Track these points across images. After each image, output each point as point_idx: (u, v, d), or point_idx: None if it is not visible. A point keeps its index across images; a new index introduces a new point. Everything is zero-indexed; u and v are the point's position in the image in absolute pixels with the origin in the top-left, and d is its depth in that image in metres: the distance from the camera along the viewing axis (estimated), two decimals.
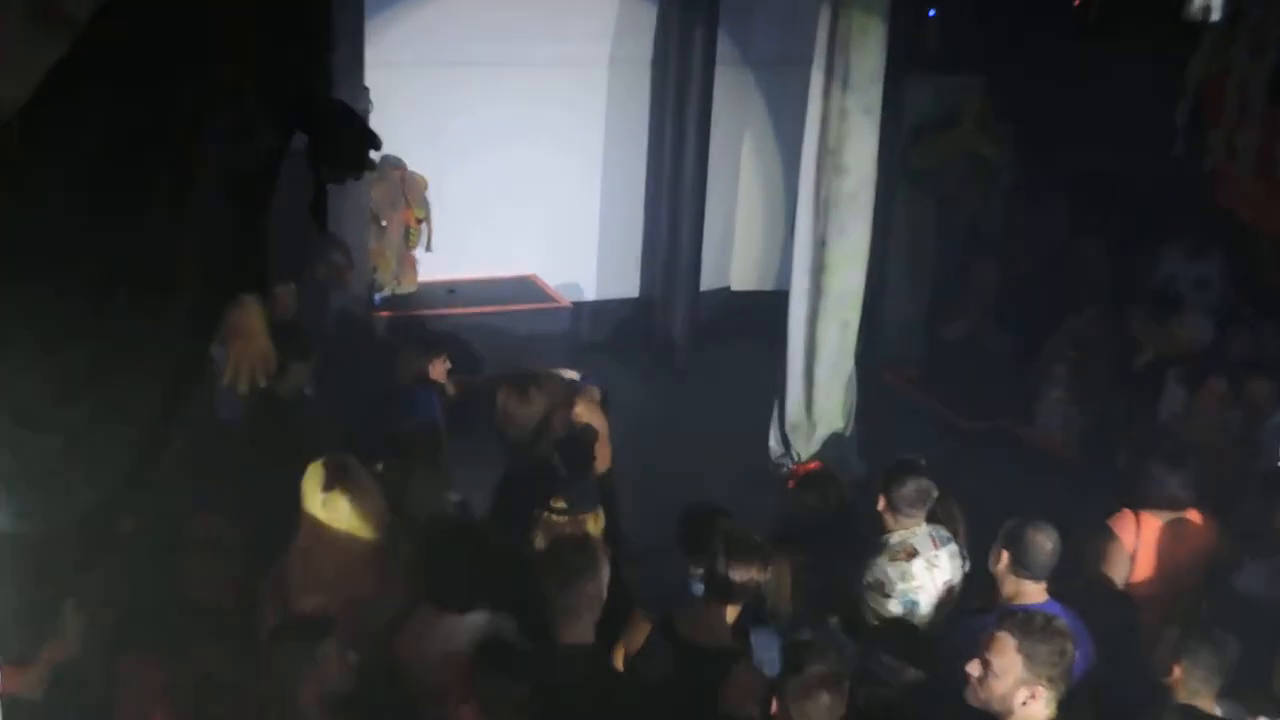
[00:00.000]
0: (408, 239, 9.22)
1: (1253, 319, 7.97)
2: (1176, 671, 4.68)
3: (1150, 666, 4.90)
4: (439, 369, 6.86)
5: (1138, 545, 5.92)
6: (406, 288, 9.30)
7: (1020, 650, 4.26)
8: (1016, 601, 4.96)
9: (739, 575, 4.77)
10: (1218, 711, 4.66)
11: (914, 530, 5.49)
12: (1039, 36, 9.08)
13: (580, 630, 4.55)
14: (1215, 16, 5.75)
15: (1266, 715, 4.68)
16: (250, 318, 4.24)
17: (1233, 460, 6.78)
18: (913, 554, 5.43)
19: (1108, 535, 5.90)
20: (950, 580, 5.48)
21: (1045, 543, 5.10)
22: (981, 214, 9.96)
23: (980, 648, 4.34)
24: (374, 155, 3.33)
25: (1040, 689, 4.26)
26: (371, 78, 8.21)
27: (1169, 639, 4.81)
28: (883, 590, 5.37)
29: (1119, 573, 5.86)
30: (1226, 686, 4.74)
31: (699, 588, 5.05)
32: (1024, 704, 4.27)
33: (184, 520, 4.97)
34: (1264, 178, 7.43)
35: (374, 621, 4.71)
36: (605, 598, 4.60)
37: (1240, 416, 7.00)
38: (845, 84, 7.65)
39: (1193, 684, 4.66)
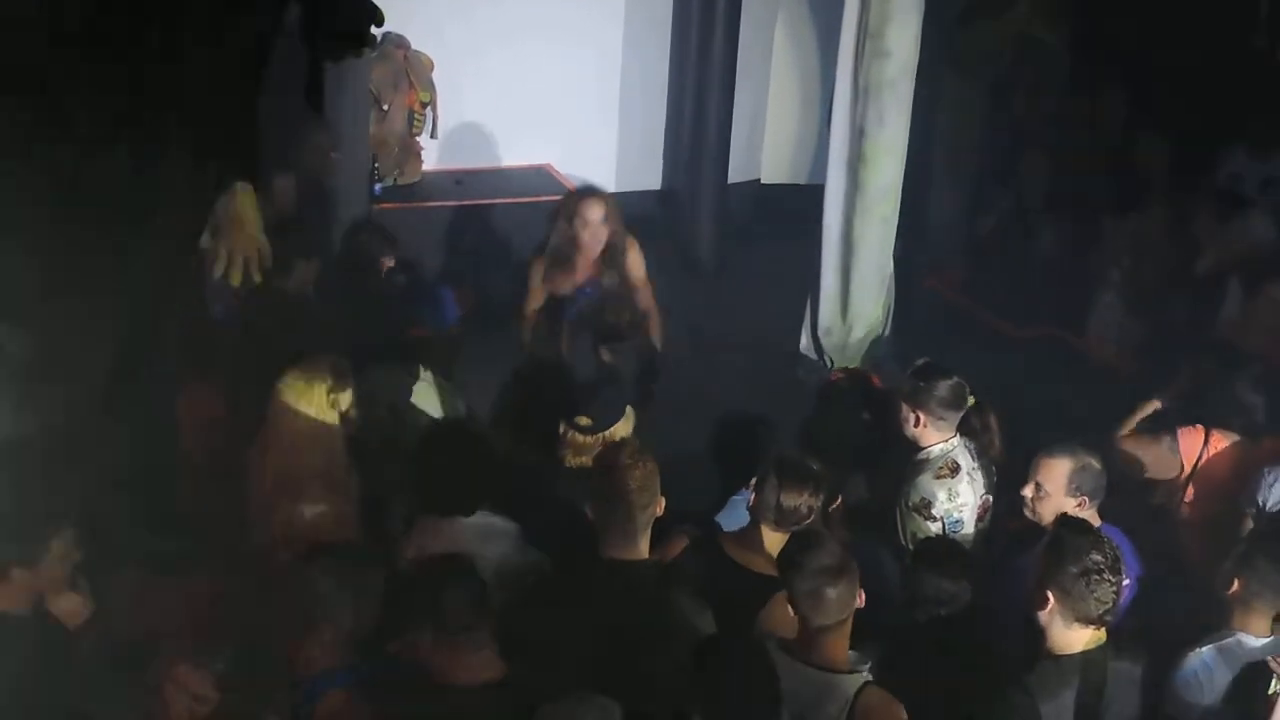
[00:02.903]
0: (411, 124, 9.16)
1: None
2: (1236, 585, 4.71)
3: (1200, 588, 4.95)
4: (384, 263, 6.78)
5: (1200, 463, 5.93)
6: (410, 177, 9.26)
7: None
8: None
9: (791, 501, 4.79)
10: (1271, 635, 4.69)
11: (952, 441, 5.48)
12: None
13: (642, 545, 4.55)
14: None
15: None
16: (241, 206, 4.22)
17: None
18: (955, 469, 5.43)
19: (1170, 446, 5.92)
20: (987, 496, 5.49)
21: (1097, 470, 5.12)
22: (1034, 104, 9.83)
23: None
24: (375, 31, 3.29)
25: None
26: None
27: (1234, 553, 4.83)
28: (928, 511, 5.37)
29: (1171, 486, 5.89)
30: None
31: (739, 504, 5.07)
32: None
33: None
34: None
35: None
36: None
37: None
38: None
39: (1251, 599, 4.68)
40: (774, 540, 4.78)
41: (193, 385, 5.34)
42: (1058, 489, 5.16)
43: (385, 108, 8.98)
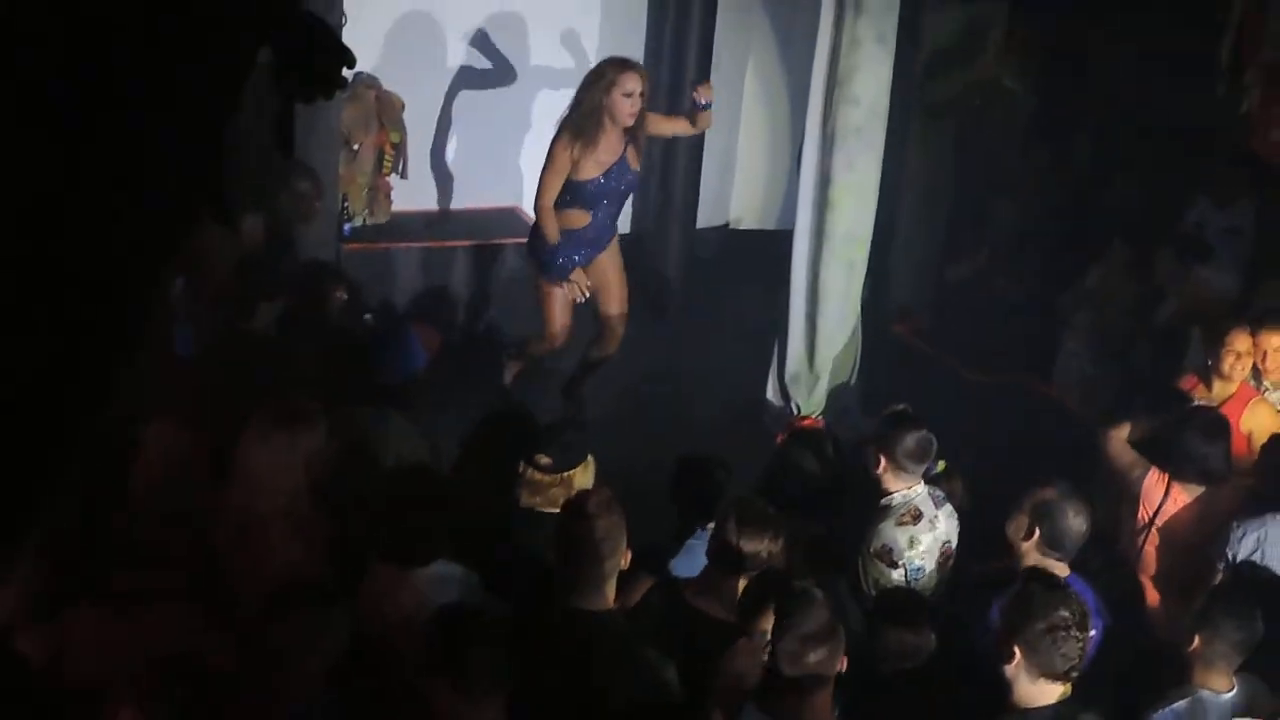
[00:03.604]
0: (381, 165, 9.16)
1: None
2: (1196, 642, 4.73)
3: (1160, 638, 4.98)
4: (340, 299, 6.77)
5: (1160, 512, 5.97)
6: (379, 217, 9.25)
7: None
8: None
9: (750, 546, 4.78)
10: (1236, 686, 4.71)
11: (915, 489, 5.51)
12: None
13: (606, 595, 4.53)
14: None
15: None
16: (209, 248, 4.21)
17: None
18: (918, 516, 5.46)
19: (1136, 489, 5.97)
20: (949, 541, 5.51)
21: (1081, 524, 5.15)
22: (1001, 151, 9.90)
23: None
24: (346, 73, 3.29)
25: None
26: None
27: (1194, 608, 4.86)
28: (889, 558, 5.39)
29: (1131, 535, 5.93)
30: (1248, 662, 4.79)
31: (696, 549, 5.07)
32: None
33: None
34: None
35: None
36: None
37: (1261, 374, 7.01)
38: (858, 8, 7.60)
39: (1212, 656, 4.71)
40: (731, 586, 4.77)
41: (157, 422, 5.32)
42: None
43: (355, 148, 8.98)
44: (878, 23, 7.62)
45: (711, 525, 4.97)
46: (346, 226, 8.97)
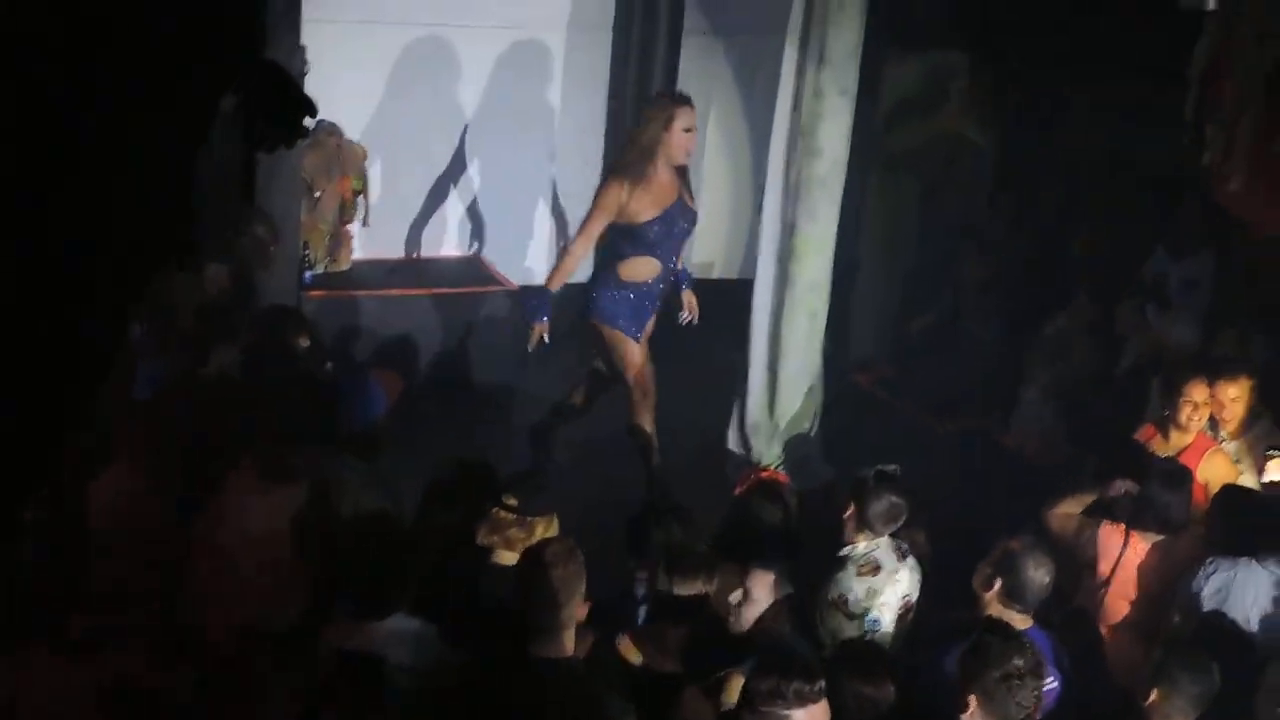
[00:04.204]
0: (343, 212, 9.18)
1: (1243, 325, 8.07)
2: (1154, 695, 4.76)
3: (1121, 688, 5.01)
4: (299, 346, 6.77)
5: (1120, 563, 6.02)
6: (341, 265, 9.26)
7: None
8: None
9: (683, 589, 4.79)
10: None
11: (877, 542, 5.53)
12: (1030, 13, 9.13)
13: (566, 643, 4.54)
14: (1211, 6, 5.83)
15: None
16: (172, 294, 4.23)
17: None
18: (877, 568, 5.48)
19: (1090, 543, 6.01)
20: (910, 596, 5.53)
21: (1043, 577, 5.19)
22: (963, 202, 10.00)
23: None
24: (308, 121, 3.33)
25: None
26: (308, 36, 8.18)
27: (1151, 663, 4.90)
28: (846, 608, 5.41)
29: (1091, 589, 5.97)
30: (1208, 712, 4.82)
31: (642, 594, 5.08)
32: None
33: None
34: (1261, 176, 7.50)
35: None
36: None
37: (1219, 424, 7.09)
38: (821, 60, 7.69)
39: (1169, 710, 4.74)
40: (671, 636, 4.78)
41: (116, 465, 5.31)
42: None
43: (317, 195, 9.00)
44: (840, 74, 7.71)
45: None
46: (308, 274, 8.98)
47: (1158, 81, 8.21)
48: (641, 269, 7.45)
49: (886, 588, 5.47)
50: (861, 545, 5.52)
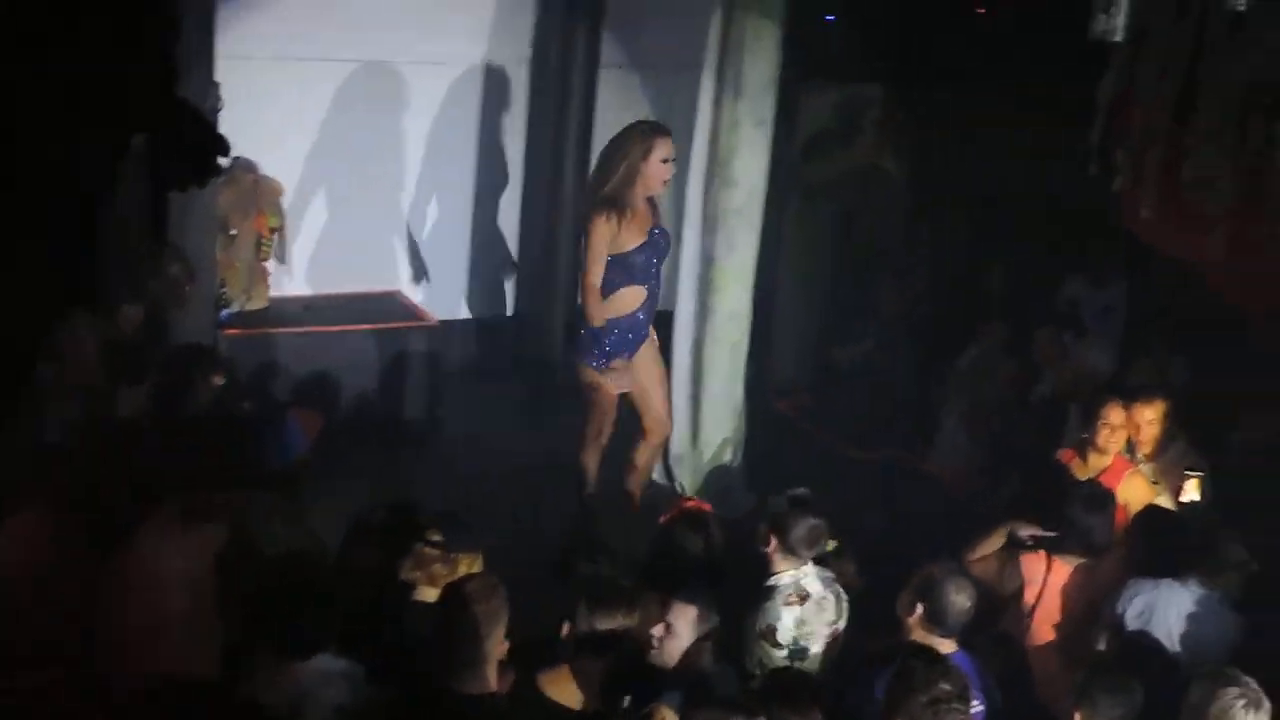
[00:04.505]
0: (259, 250, 9.10)
1: (1155, 349, 8.19)
2: (1077, 717, 4.80)
3: (1048, 711, 5.04)
4: (213, 384, 6.70)
5: (1045, 588, 6.06)
6: (257, 303, 9.17)
7: None
8: None
9: (604, 624, 4.77)
10: None
11: (804, 571, 5.54)
12: (942, 46, 9.25)
13: (486, 680, 4.51)
14: (1118, 37, 5.92)
15: None
16: (78, 337, 4.17)
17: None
18: (805, 597, 5.48)
19: (1013, 572, 6.05)
20: (837, 625, 5.54)
21: (964, 602, 5.21)
22: (880, 231, 10.09)
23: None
24: (222, 159, 3.30)
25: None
26: (222, 72, 8.12)
27: (1073, 686, 4.93)
28: (774, 638, 5.40)
29: (1014, 609, 6.01)
30: None
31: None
32: None
33: None
34: (1170, 202, 7.63)
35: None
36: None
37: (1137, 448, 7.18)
38: (737, 92, 7.74)
39: None
40: (592, 671, 4.75)
41: (21, 514, 5.21)
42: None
43: (233, 233, 8.92)
44: (756, 106, 7.76)
45: None
46: (224, 312, 8.89)
47: (1067, 111, 8.32)
48: (629, 300, 7.35)
49: (814, 617, 5.47)
50: (788, 575, 5.53)
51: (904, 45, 9.49)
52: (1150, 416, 7.04)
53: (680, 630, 4.98)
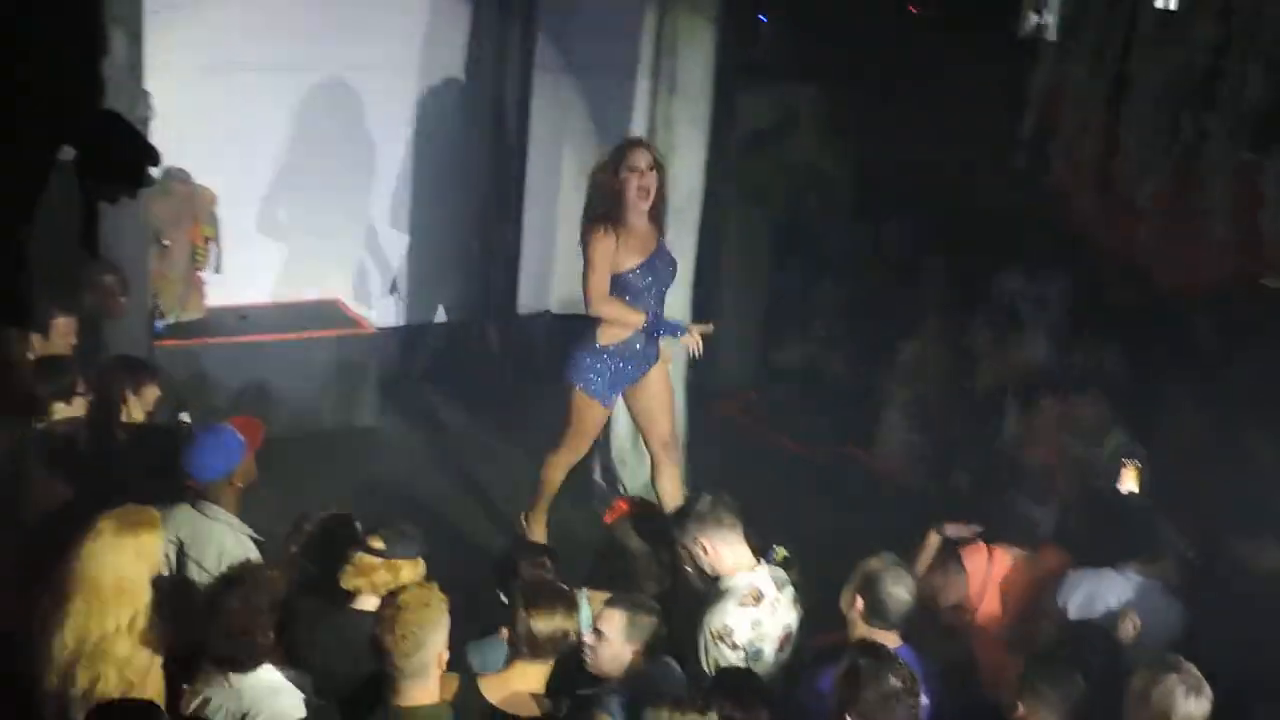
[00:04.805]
0: (194, 260, 9.05)
1: (1092, 340, 8.27)
2: (1020, 709, 4.84)
3: (994, 703, 5.08)
4: (148, 396, 6.66)
5: (987, 580, 6.11)
6: (193, 314, 9.12)
7: None
8: None
9: (543, 626, 4.76)
10: None
11: (756, 570, 5.55)
12: (878, 45, 9.30)
13: (427, 690, 4.49)
14: (1050, 35, 5.99)
15: None
16: (9, 351, 4.13)
17: (1069, 484, 7.02)
18: (759, 598, 5.49)
19: (956, 568, 6.09)
20: (790, 625, 5.56)
21: (903, 594, 5.24)
22: (819, 230, 10.14)
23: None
24: (154, 170, 3.27)
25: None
26: (153, 82, 8.06)
27: (1014, 676, 4.98)
28: (730, 639, 5.40)
29: (961, 606, 6.04)
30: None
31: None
32: None
33: None
34: (1104, 194, 7.71)
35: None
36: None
37: (1075, 439, 7.25)
38: (672, 92, 7.77)
39: None
40: (534, 675, 4.75)
41: None
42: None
43: (166, 243, 8.86)
44: (692, 106, 7.79)
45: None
46: (159, 323, 8.82)
47: (1002, 107, 8.39)
48: (621, 327, 7.18)
49: (769, 618, 5.48)
50: (741, 575, 5.53)
51: (839, 44, 9.54)
52: (1088, 407, 7.11)
53: (611, 636, 4.96)
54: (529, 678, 4.76)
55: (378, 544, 5.20)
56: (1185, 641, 5.58)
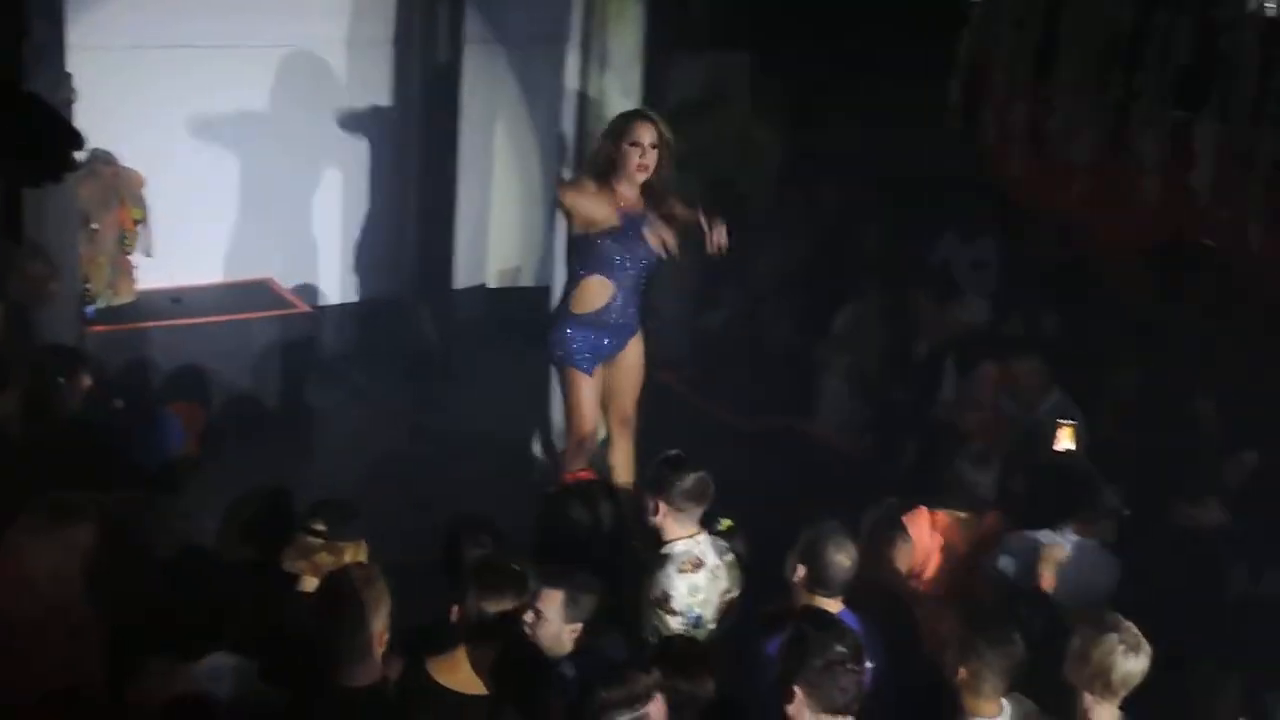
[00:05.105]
0: (123, 243, 8.95)
1: (1028, 301, 8.34)
2: (963, 672, 4.88)
3: (938, 666, 5.13)
4: (80, 384, 6.58)
5: (931, 545, 6.16)
6: (124, 298, 9.03)
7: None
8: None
9: (494, 608, 4.76)
10: (1005, 709, 4.87)
11: (697, 539, 5.57)
12: (808, 12, 9.31)
13: (369, 670, 4.47)
14: None
15: (1056, 707, 4.91)
16: None
17: (1007, 445, 7.08)
18: (699, 564, 5.51)
19: (900, 533, 6.12)
20: (732, 592, 5.58)
21: (844, 560, 5.26)
22: (753, 199, 10.14)
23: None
24: (78, 153, 3.23)
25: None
26: (75, 63, 7.94)
27: (955, 640, 5.02)
28: (668, 605, 5.42)
29: (905, 571, 6.09)
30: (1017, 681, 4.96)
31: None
32: None
33: None
34: (1035, 156, 7.76)
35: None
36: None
37: (1013, 400, 7.31)
38: (603, 64, 7.73)
39: (978, 683, 4.86)
40: (482, 655, 4.74)
41: None
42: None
43: (95, 227, 8.76)
44: (623, 77, 7.76)
45: None
46: (89, 309, 8.73)
47: (933, 71, 8.42)
48: (595, 291, 7.05)
49: (709, 585, 5.50)
50: (681, 542, 5.54)
51: (769, 12, 9.54)
52: (1026, 370, 7.17)
53: (550, 616, 4.93)
54: (479, 657, 4.75)
55: (319, 526, 5.18)
56: (1122, 598, 5.65)
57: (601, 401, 7.36)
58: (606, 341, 7.18)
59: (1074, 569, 5.85)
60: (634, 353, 7.33)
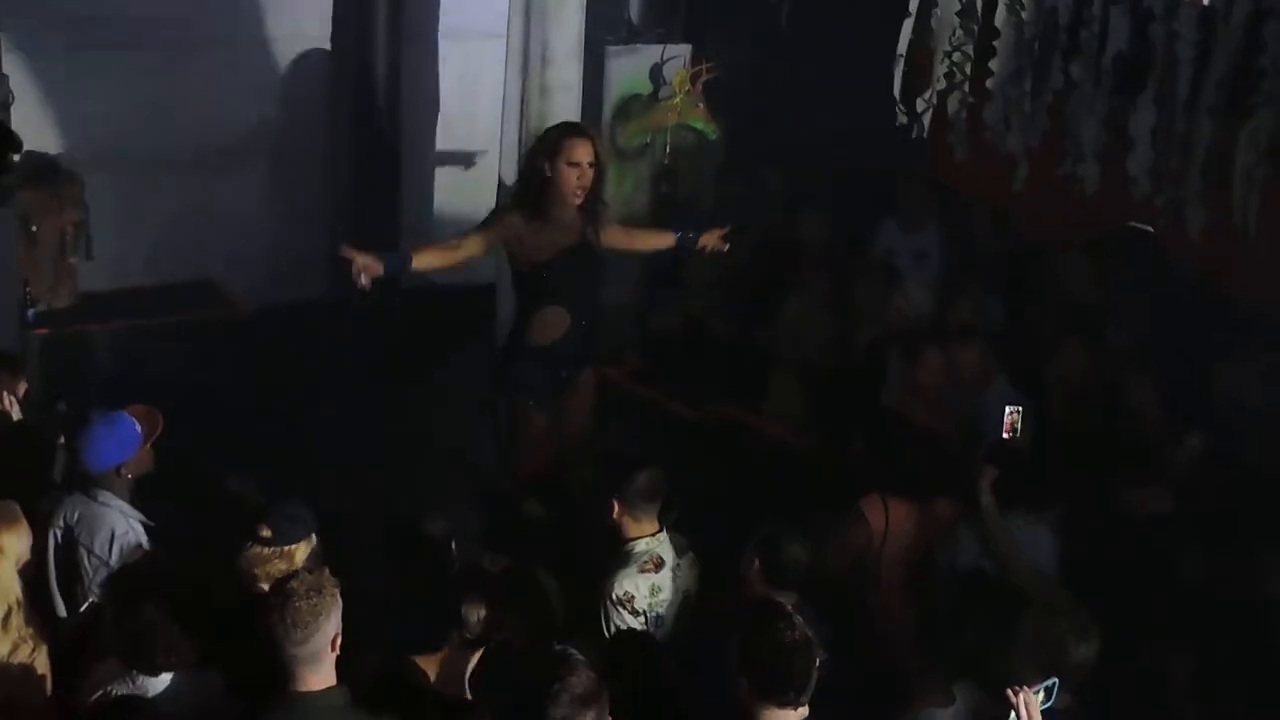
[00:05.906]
0: (64, 246, 8.87)
1: (970, 290, 8.37)
2: (915, 663, 4.90)
3: (893, 656, 5.15)
4: (17, 389, 6.48)
5: (886, 534, 6.16)
6: (65, 300, 8.96)
7: None
8: None
9: (473, 614, 4.75)
10: (957, 699, 4.89)
11: (658, 538, 5.57)
12: (748, 2, 9.30)
13: (323, 675, 4.44)
14: None
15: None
16: None
17: (954, 434, 7.10)
18: (660, 563, 5.52)
19: (856, 521, 6.13)
20: (690, 590, 5.58)
21: (799, 554, 5.31)
22: (695, 191, 10.13)
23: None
24: (16, 156, 3.17)
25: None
26: (10, 64, 7.86)
27: (910, 628, 5.04)
28: (631, 605, 5.43)
29: (861, 561, 6.11)
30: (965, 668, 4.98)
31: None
32: None
33: None
34: (975, 146, 7.78)
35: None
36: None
37: (958, 389, 7.34)
38: (543, 58, 7.72)
39: (931, 674, 4.88)
40: (462, 660, 4.73)
41: None
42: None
43: (34, 229, 8.68)
44: (563, 71, 7.77)
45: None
46: (30, 312, 8.65)
47: (873, 62, 8.43)
48: (550, 325, 6.85)
49: (669, 584, 5.51)
50: (643, 541, 5.54)
51: (708, 3, 9.53)
52: (969, 358, 7.20)
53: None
54: (457, 662, 4.74)
55: (265, 533, 5.13)
56: (1069, 584, 5.69)
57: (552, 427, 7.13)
58: (564, 374, 6.99)
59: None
60: (587, 380, 7.16)
